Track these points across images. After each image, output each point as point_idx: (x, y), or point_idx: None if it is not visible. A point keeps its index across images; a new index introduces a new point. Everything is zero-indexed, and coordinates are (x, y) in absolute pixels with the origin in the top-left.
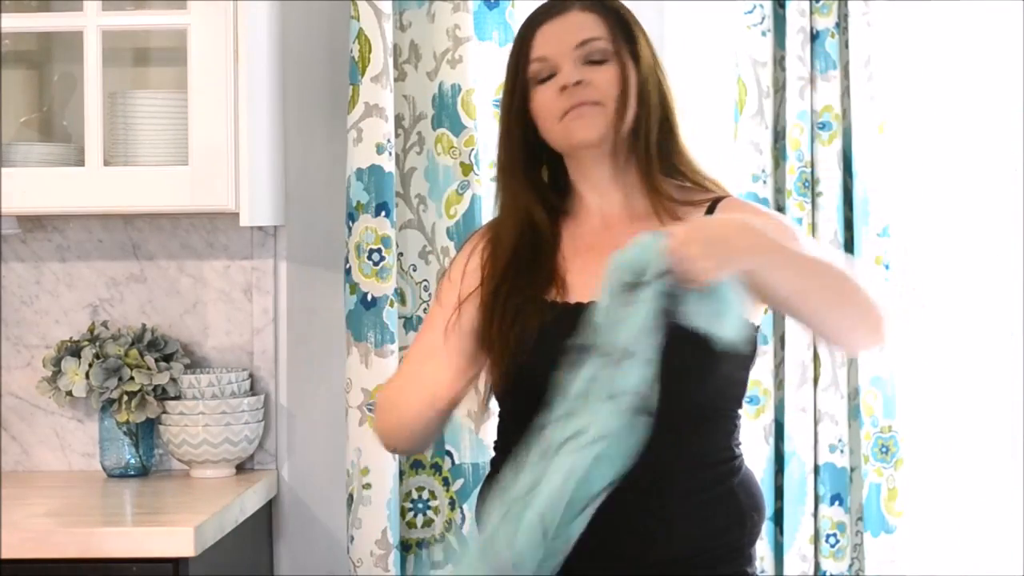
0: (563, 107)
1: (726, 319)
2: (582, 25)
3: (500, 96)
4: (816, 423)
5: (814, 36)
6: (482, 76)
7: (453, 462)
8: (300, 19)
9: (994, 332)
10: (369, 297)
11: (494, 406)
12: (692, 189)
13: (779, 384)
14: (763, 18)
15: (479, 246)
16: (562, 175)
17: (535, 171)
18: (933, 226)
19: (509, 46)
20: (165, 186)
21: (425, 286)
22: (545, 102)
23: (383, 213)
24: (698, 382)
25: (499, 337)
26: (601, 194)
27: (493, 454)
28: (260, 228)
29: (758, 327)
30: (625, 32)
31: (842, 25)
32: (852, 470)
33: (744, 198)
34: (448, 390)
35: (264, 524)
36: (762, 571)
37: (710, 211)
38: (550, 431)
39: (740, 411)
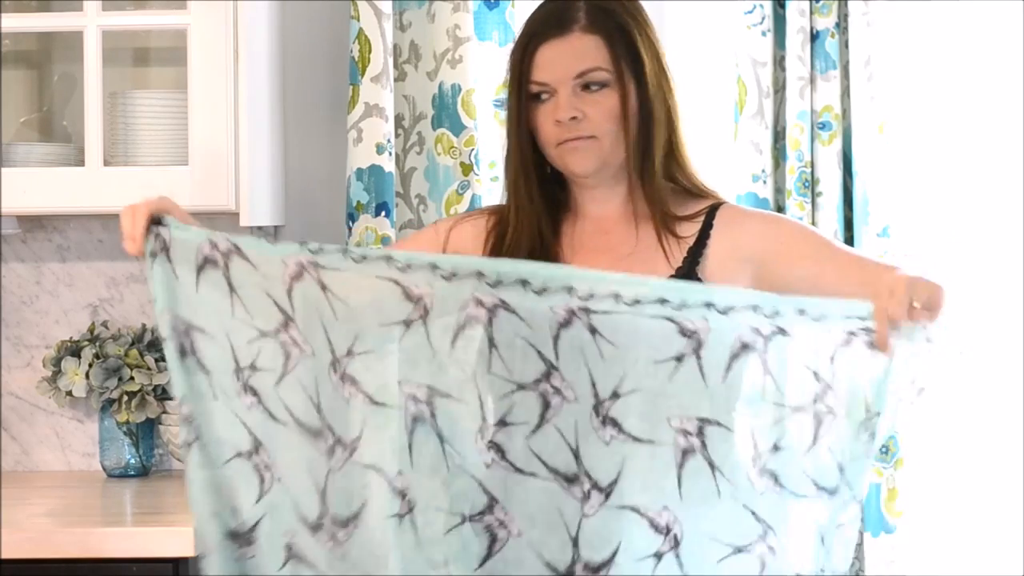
0: (558, 138)
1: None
2: (583, 52)
3: (503, 96)
4: None
5: (814, 36)
6: (482, 76)
7: None
8: (300, 19)
9: (994, 332)
10: None
11: None
12: (688, 196)
13: None
14: (763, 18)
15: (477, 221)
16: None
17: (541, 171)
18: (933, 226)
19: (509, 46)
20: (165, 186)
21: None
22: (543, 126)
23: (383, 213)
24: None
25: None
26: (599, 203)
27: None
28: (260, 228)
29: None
30: (629, 51)
31: (842, 25)
32: None
33: (743, 199)
34: None
35: None
36: None
37: (708, 219)
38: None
39: None
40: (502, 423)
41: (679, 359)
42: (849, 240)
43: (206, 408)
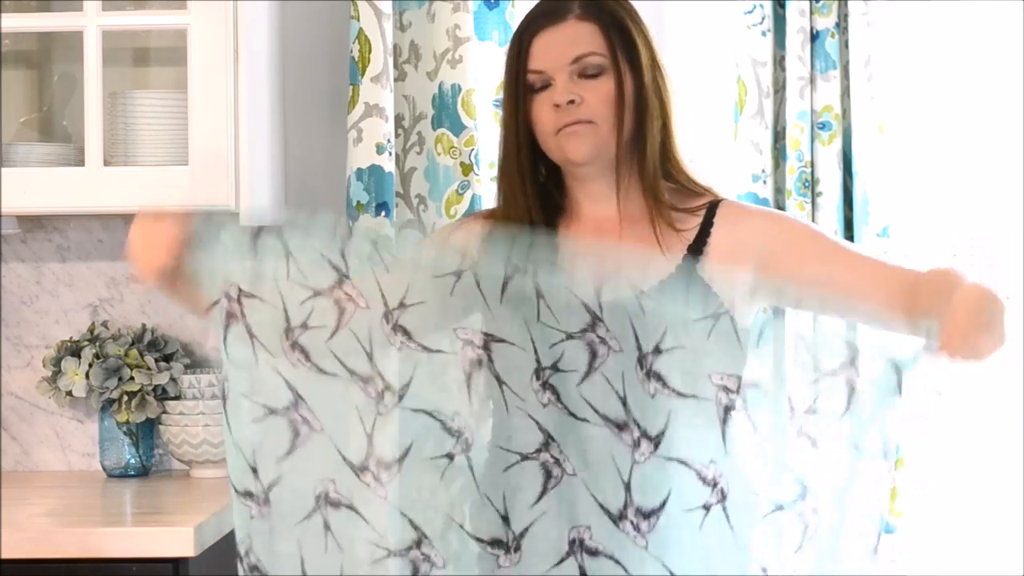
0: (557, 124)
1: None
2: (578, 38)
3: (501, 96)
4: None
5: (814, 36)
6: (482, 76)
7: None
8: (300, 19)
9: None
10: None
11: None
12: (686, 192)
13: None
14: (763, 18)
15: (472, 226)
16: (559, 174)
17: (536, 172)
18: (933, 226)
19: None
20: (165, 186)
21: None
22: (540, 115)
23: (383, 213)
24: None
25: None
26: (596, 201)
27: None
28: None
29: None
30: (624, 40)
31: (842, 25)
32: None
33: (743, 199)
34: None
35: None
36: None
37: (708, 216)
38: None
39: None
40: (555, 368)
41: (715, 317)
42: (849, 240)
43: (244, 367)
